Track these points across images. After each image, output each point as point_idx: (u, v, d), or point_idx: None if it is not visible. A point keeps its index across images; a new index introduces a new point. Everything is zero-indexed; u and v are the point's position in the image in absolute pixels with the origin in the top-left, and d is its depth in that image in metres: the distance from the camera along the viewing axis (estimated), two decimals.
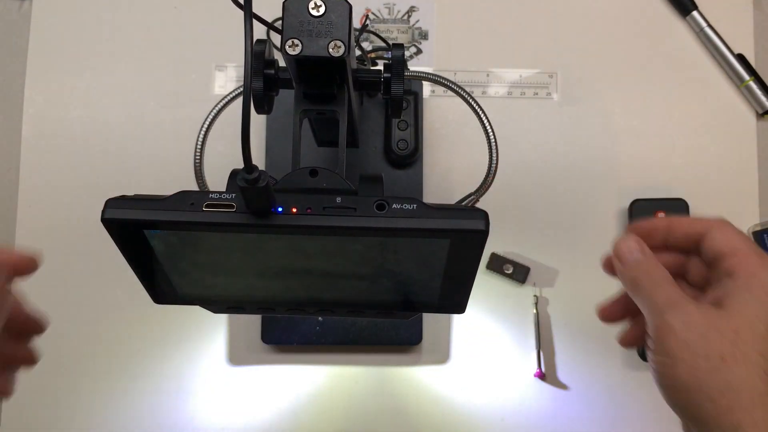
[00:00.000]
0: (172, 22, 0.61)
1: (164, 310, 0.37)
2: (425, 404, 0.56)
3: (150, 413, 0.56)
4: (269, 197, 0.26)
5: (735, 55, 0.60)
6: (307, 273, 0.32)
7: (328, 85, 0.35)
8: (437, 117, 0.60)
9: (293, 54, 0.32)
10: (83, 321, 0.57)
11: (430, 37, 0.62)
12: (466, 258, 0.29)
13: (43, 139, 0.59)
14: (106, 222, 0.27)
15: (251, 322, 0.56)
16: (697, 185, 0.59)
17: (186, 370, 0.56)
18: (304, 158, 0.35)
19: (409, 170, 0.56)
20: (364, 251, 0.29)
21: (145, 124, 0.60)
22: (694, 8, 0.61)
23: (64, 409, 0.56)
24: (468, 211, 0.27)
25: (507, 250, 0.58)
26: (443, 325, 0.57)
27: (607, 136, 0.60)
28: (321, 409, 0.56)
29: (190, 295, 0.34)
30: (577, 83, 0.61)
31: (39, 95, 0.60)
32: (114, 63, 0.61)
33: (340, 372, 0.57)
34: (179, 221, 0.26)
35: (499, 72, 0.61)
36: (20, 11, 0.61)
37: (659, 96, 0.61)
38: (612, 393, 0.57)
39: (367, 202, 0.26)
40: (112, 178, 0.59)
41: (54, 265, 0.39)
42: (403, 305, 0.34)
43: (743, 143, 0.60)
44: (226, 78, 0.61)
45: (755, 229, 0.58)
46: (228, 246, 0.29)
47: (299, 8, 0.32)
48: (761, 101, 0.60)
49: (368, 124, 0.56)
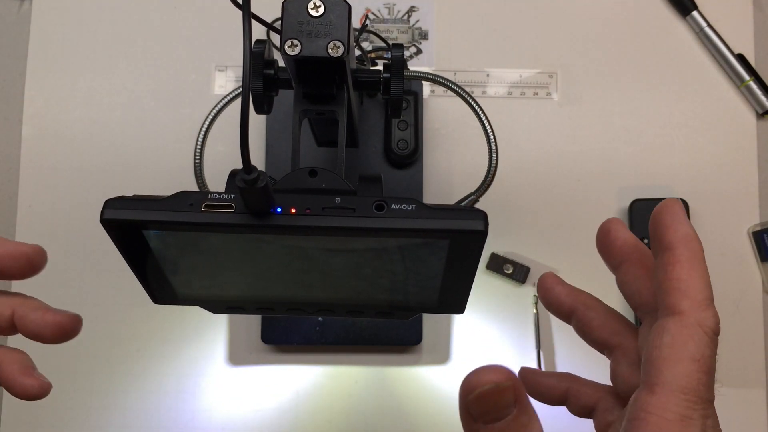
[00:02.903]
0: (172, 22, 0.61)
1: (164, 310, 0.37)
2: (425, 404, 0.56)
3: (150, 413, 0.56)
4: (268, 198, 0.26)
5: (735, 55, 0.60)
6: (307, 273, 0.32)
7: (328, 86, 0.35)
8: (437, 117, 0.60)
9: (292, 54, 0.32)
10: (83, 321, 0.57)
11: (430, 37, 0.62)
12: (466, 258, 0.29)
13: (43, 139, 0.59)
14: (105, 222, 0.27)
15: (251, 322, 0.56)
16: (697, 185, 0.59)
17: (186, 370, 0.57)
18: (304, 158, 0.35)
19: (409, 170, 0.56)
20: (363, 251, 0.29)
21: (145, 124, 0.60)
22: (694, 8, 0.61)
23: (64, 409, 0.56)
24: (467, 211, 0.27)
25: (507, 250, 0.58)
26: (443, 325, 0.57)
27: (607, 136, 0.60)
28: (321, 409, 0.56)
29: (189, 295, 0.34)
30: (577, 83, 0.61)
31: (39, 95, 0.60)
32: (114, 63, 0.61)
33: (340, 372, 0.57)
34: (178, 222, 0.26)
35: (499, 72, 0.61)
36: (20, 11, 0.61)
37: (659, 96, 0.61)
38: None
39: (367, 203, 0.26)
40: (111, 178, 0.59)
41: (54, 265, 0.39)
42: (403, 305, 0.34)
43: (743, 143, 0.60)
44: (226, 78, 0.61)
45: (755, 229, 0.58)
46: (227, 246, 0.29)
47: (298, 9, 0.32)
48: (761, 101, 0.60)
49: (368, 124, 0.56)
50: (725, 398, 0.57)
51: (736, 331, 0.58)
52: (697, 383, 0.25)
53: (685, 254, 0.27)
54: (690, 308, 0.26)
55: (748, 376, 0.57)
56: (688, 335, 0.25)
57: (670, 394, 0.24)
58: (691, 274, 0.27)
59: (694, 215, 0.58)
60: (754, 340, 0.58)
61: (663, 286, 0.27)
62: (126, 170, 0.59)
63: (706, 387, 0.25)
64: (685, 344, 0.25)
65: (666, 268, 0.27)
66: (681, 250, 0.27)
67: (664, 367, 0.25)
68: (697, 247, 0.27)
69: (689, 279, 0.26)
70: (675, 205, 0.28)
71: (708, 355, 0.25)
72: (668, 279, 0.27)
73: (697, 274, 0.27)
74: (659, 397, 0.25)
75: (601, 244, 0.34)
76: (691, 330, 0.25)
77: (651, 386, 0.25)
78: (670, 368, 0.25)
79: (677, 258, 0.27)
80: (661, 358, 0.25)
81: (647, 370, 0.26)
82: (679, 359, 0.25)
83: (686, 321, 0.25)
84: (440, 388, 0.57)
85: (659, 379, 0.25)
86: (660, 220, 0.28)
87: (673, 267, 0.27)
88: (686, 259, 0.27)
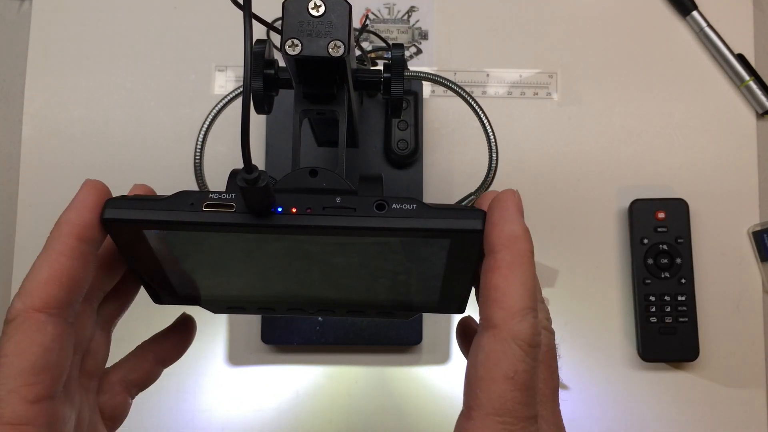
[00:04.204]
0: (172, 23, 0.61)
1: (164, 310, 0.37)
2: (425, 404, 0.56)
3: (150, 413, 0.56)
4: (269, 197, 0.26)
5: (735, 55, 0.60)
6: (307, 273, 0.32)
7: (328, 85, 0.35)
8: (437, 117, 0.60)
9: (293, 54, 0.32)
10: None
11: (430, 37, 0.62)
12: (466, 258, 0.29)
13: (43, 139, 0.59)
14: (106, 222, 0.27)
15: (251, 322, 0.56)
16: (697, 185, 0.59)
17: (186, 370, 0.56)
18: (304, 158, 0.35)
19: (409, 170, 0.56)
20: (363, 251, 0.29)
21: (145, 124, 0.60)
22: (694, 8, 0.61)
23: None
24: (468, 211, 0.27)
25: None
26: (443, 325, 0.57)
27: (607, 136, 0.60)
28: (321, 409, 0.56)
29: (189, 295, 0.34)
30: (577, 83, 0.61)
31: (39, 95, 0.60)
32: (114, 63, 0.61)
33: (340, 372, 0.57)
34: (179, 221, 0.26)
35: (499, 72, 0.61)
36: (20, 11, 0.61)
37: (659, 96, 0.61)
38: (612, 393, 0.57)
39: (367, 202, 0.26)
40: (112, 178, 0.58)
41: None
42: (403, 305, 0.34)
43: (743, 143, 0.60)
44: (226, 78, 0.61)
45: (755, 229, 0.58)
46: (228, 246, 0.29)
47: (299, 8, 0.32)
48: (761, 101, 0.60)
49: (368, 124, 0.56)
50: (725, 398, 0.57)
51: (736, 331, 0.58)
52: (513, 403, 0.23)
53: (506, 258, 0.24)
54: (503, 320, 0.23)
55: (748, 376, 0.57)
56: (501, 351, 0.23)
57: (486, 418, 0.23)
58: (509, 281, 0.23)
59: (694, 215, 0.58)
60: (754, 340, 0.58)
61: (482, 296, 0.24)
62: (126, 170, 0.59)
63: (524, 405, 0.23)
64: (498, 362, 0.23)
65: (486, 274, 0.24)
66: (502, 254, 0.24)
67: (479, 388, 0.23)
68: (522, 248, 0.24)
69: (506, 287, 0.23)
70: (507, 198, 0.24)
71: (523, 369, 0.23)
72: (485, 288, 0.24)
73: (517, 280, 0.23)
74: (475, 422, 0.23)
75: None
76: (503, 345, 0.23)
77: (468, 410, 0.23)
78: (485, 390, 0.23)
79: (497, 263, 0.24)
80: (476, 378, 0.23)
81: (465, 392, 0.24)
82: (493, 378, 0.23)
83: (499, 335, 0.23)
84: (440, 388, 0.57)
85: (474, 402, 0.23)
86: (490, 217, 0.25)
87: (491, 274, 0.24)
88: (506, 264, 0.23)
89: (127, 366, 0.32)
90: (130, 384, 0.32)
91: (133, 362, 0.32)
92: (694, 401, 0.57)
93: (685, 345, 0.56)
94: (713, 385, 0.57)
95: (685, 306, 0.56)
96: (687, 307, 0.56)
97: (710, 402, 0.57)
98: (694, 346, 0.56)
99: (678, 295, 0.56)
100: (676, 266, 0.56)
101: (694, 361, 0.56)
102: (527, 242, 0.24)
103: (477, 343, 0.24)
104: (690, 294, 0.56)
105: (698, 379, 0.57)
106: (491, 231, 0.24)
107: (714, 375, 0.57)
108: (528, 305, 0.23)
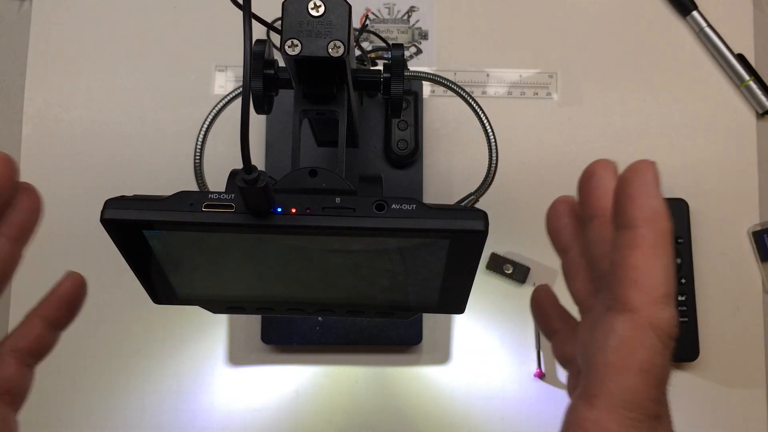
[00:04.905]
0: (172, 23, 0.61)
1: (164, 310, 0.37)
2: (425, 404, 0.56)
3: (150, 413, 0.56)
4: (268, 197, 0.26)
5: (735, 55, 0.60)
6: (307, 273, 0.32)
7: (328, 85, 0.35)
8: (437, 117, 0.60)
9: (293, 54, 0.32)
10: (83, 321, 0.57)
11: (430, 37, 0.62)
12: (466, 258, 0.29)
13: (43, 139, 0.59)
14: (106, 222, 0.27)
15: (251, 322, 0.56)
16: (697, 185, 0.59)
17: (186, 370, 0.56)
18: (304, 158, 0.35)
19: (409, 170, 0.56)
20: (363, 251, 0.29)
21: (145, 124, 0.60)
22: (694, 8, 0.61)
23: (64, 409, 0.56)
24: (467, 211, 0.27)
25: (507, 250, 0.58)
26: (443, 325, 0.57)
27: (607, 136, 0.60)
28: (321, 408, 0.56)
29: (189, 295, 0.34)
30: (577, 83, 0.61)
31: (39, 95, 0.60)
32: (114, 63, 0.61)
33: (340, 372, 0.57)
34: (178, 221, 0.26)
35: (499, 72, 0.61)
36: (20, 11, 0.61)
37: (659, 96, 0.61)
38: None
39: (367, 203, 0.26)
40: (111, 178, 0.59)
41: (54, 265, 0.39)
42: (403, 305, 0.34)
43: (743, 143, 0.60)
44: (226, 78, 0.61)
45: (755, 229, 0.58)
46: (227, 246, 0.29)
47: (299, 8, 0.32)
48: (761, 101, 0.60)
49: (368, 124, 0.56)
50: (725, 398, 0.57)
51: (736, 331, 0.58)
52: (645, 398, 0.21)
53: (648, 237, 0.21)
54: (644, 305, 0.21)
55: (748, 376, 0.57)
56: (638, 340, 0.21)
57: (612, 410, 0.21)
58: (652, 263, 0.21)
59: (694, 215, 0.58)
60: (754, 340, 0.58)
61: (617, 272, 0.22)
62: (126, 170, 0.59)
63: (655, 402, 0.21)
64: (634, 351, 0.21)
65: (623, 251, 0.22)
66: (644, 231, 0.21)
67: (608, 376, 0.21)
68: (665, 226, 0.22)
69: (648, 269, 0.21)
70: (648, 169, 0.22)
71: (660, 364, 0.21)
72: (623, 265, 0.22)
73: (659, 262, 0.21)
74: (599, 412, 0.21)
75: (580, 189, 0.27)
76: (642, 333, 0.21)
77: (590, 397, 0.21)
78: (614, 378, 0.21)
79: (638, 240, 0.21)
80: (604, 364, 0.21)
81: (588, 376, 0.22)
82: (625, 368, 0.21)
83: (638, 321, 0.21)
84: (440, 388, 0.57)
85: (600, 389, 0.21)
86: (625, 188, 0.22)
87: (630, 251, 0.22)
88: (649, 243, 0.21)
89: (15, 335, 0.30)
90: (21, 353, 0.30)
91: (20, 329, 0.30)
92: (694, 401, 0.57)
93: (685, 345, 0.56)
94: (713, 385, 0.57)
95: (685, 306, 0.56)
96: (687, 307, 0.56)
97: (710, 402, 0.57)
98: (694, 346, 0.56)
99: (678, 295, 0.56)
100: (675, 266, 0.56)
101: (694, 361, 0.56)
102: (669, 221, 0.22)
103: (609, 324, 0.22)
104: (690, 294, 0.56)
105: (698, 379, 0.57)
106: (629, 204, 0.22)
107: (714, 375, 0.57)
108: (670, 291, 0.22)
